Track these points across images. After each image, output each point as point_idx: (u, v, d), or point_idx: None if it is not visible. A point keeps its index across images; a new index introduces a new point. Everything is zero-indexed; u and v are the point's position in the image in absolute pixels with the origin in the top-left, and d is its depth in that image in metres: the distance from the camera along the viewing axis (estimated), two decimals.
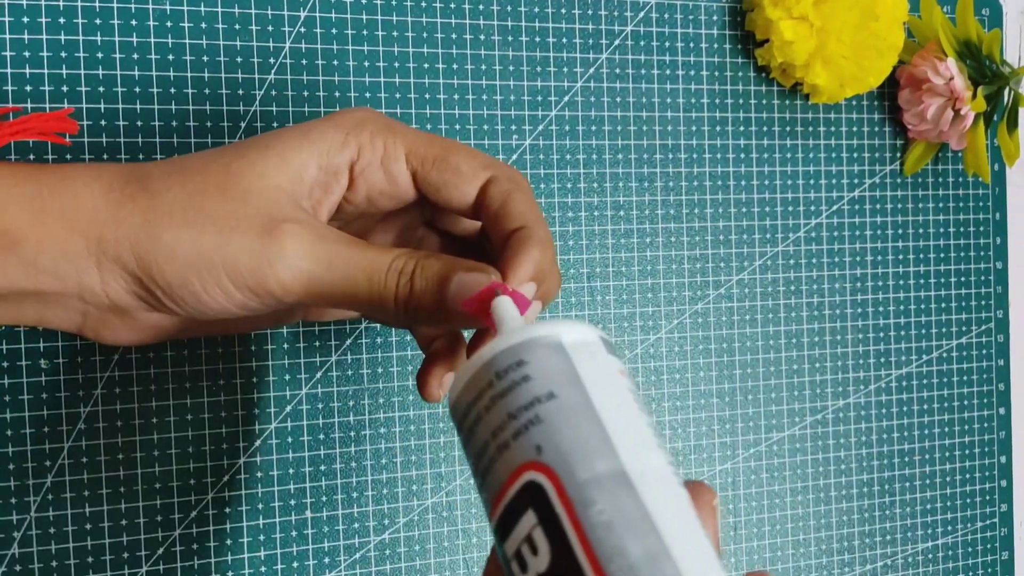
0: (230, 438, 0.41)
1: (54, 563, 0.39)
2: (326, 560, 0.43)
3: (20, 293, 0.29)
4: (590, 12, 0.46)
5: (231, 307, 0.29)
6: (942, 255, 0.53)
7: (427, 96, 0.43)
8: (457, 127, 0.44)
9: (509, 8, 0.44)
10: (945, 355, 0.53)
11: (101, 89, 0.39)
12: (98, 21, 0.39)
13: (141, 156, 0.39)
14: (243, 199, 0.28)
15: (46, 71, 0.38)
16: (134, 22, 0.39)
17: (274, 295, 0.28)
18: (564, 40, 0.45)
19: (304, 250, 0.28)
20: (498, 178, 0.31)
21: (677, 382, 0.48)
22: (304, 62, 0.42)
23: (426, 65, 0.43)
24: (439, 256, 0.29)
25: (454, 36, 0.44)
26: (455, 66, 0.44)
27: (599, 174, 0.46)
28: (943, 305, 0.53)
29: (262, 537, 0.42)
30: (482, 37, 0.44)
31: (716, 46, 0.48)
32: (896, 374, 0.52)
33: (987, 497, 0.54)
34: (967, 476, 0.54)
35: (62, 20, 0.38)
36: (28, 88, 0.38)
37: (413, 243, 0.36)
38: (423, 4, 0.43)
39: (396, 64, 0.43)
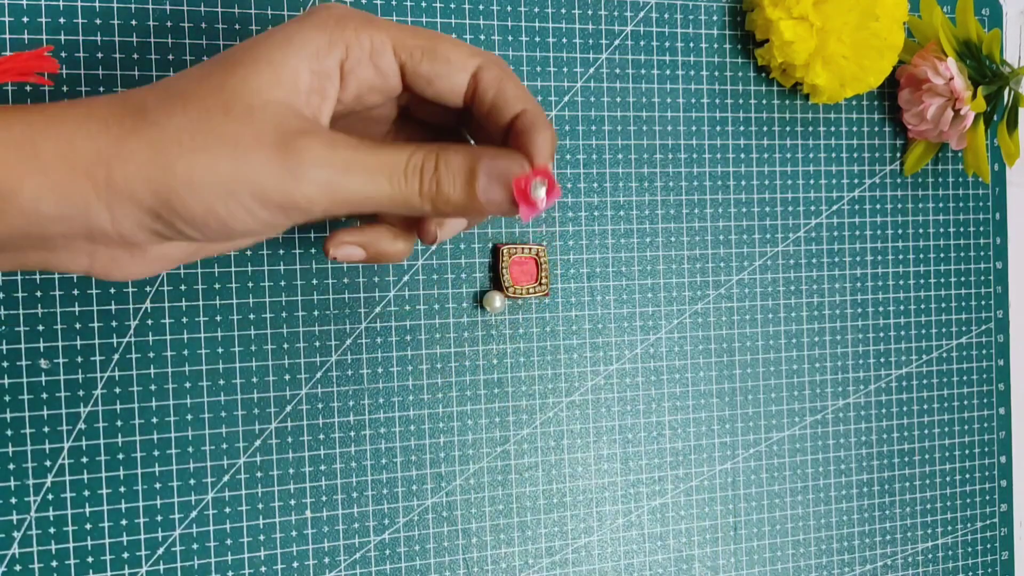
0: (230, 438, 0.41)
1: (54, 563, 0.39)
2: (326, 560, 0.43)
3: (23, 240, 0.28)
4: (590, 12, 0.46)
5: (257, 227, 0.29)
6: (942, 255, 0.53)
7: None
8: None
9: (509, 8, 0.44)
10: (945, 355, 0.53)
11: (101, 89, 0.39)
12: (98, 21, 0.39)
13: None
14: (248, 118, 0.27)
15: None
16: (134, 22, 0.39)
17: (300, 208, 0.28)
18: (564, 40, 0.45)
19: (323, 160, 0.27)
20: (488, 65, 0.31)
21: (677, 382, 0.48)
22: None
23: None
24: (456, 148, 0.29)
25: (454, 36, 0.44)
26: None
27: (599, 174, 0.46)
28: (943, 305, 0.53)
29: (262, 537, 0.42)
30: (482, 37, 0.44)
31: (716, 46, 0.48)
32: (896, 374, 0.52)
33: (987, 497, 0.54)
34: (967, 476, 0.54)
35: (62, 20, 0.38)
36: (28, 88, 0.38)
37: (402, 137, 0.35)
38: (423, 4, 0.43)
39: None
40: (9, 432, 0.38)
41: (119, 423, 0.40)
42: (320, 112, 0.30)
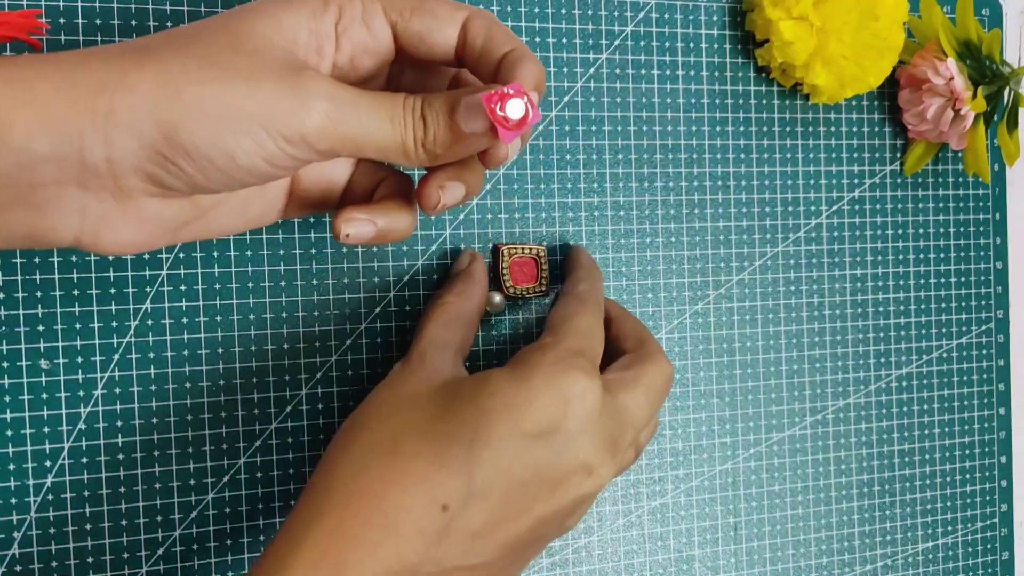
0: (230, 438, 0.41)
1: (54, 563, 0.39)
2: None
3: (11, 188, 0.27)
4: (590, 12, 0.46)
5: (262, 163, 0.28)
6: (942, 255, 0.53)
7: None
8: None
9: (509, 8, 0.44)
10: (945, 355, 0.53)
11: None
12: (98, 21, 0.39)
13: None
14: (256, 54, 0.28)
15: None
16: (134, 22, 0.39)
17: (308, 142, 0.28)
18: (564, 40, 0.45)
19: (329, 92, 0.28)
20: (475, 15, 0.33)
21: (677, 382, 0.48)
22: None
23: None
24: (440, 92, 0.31)
25: None
26: None
27: (599, 174, 0.46)
28: (943, 305, 0.53)
29: (262, 537, 0.42)
30: None
31: (716, 46, 0.48)
32: (896, 374, 0.52)
33: (987, 497, 0.54)
34: (967, 476, 0.54)
35: (62, 20, 0.38)
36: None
37: None
38: None
39: None
40: (9, 432, 0.38)
41: (119, 423, 0.40)
42: (319, 70, 0.31)
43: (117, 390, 0.39)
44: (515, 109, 0.30)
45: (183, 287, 0.40)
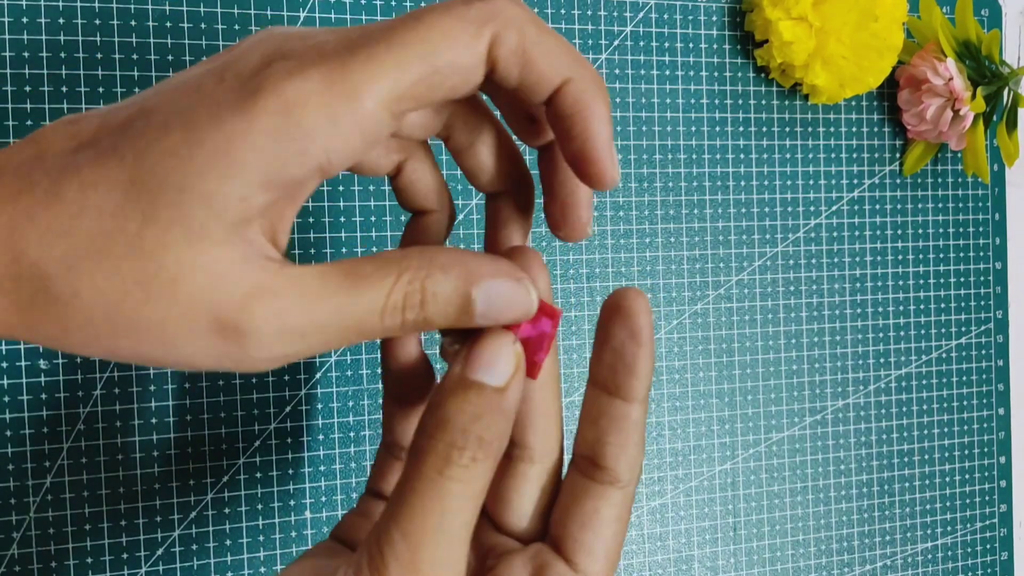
0: (230, 438, 0.41)
1: (54, 563, 0.39)
2: None
3: None
4: (590, 12, 0.46)
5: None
6: (942, 255, 0.53)
7: None
8: None
9: None
10: (945, 355, 0.53)
11: (100, 90, 0.39)
12: (98, 21, 0.39)
13: None
14: (172, 295, 0.21)
15: (46, 71, 0.38)
16: (134, 22, 0.39)
17: (242, 372, 0.24)
18: None
19: (274, 335, 0.22)
20: (504, 25, 0.24)
21: (677, 382, 0.48)
22: None
23: None
24: (446, 263, 0.23)
25: None
26: None
27: None
28: (943, 305, 0.53)
29: (262, 537, 0.42)
30: None
31: (716, 46, 0.48)
32: (895, 374, 0.52)
33: (986, 498, 0.54)
34: (966, 476, 0.54)
35: (62, 20, 0.38)
36: (28, 88, 0.38)
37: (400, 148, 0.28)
38: (423, 5, 0.43)
39: None
40: (9, 432, 0.38)
41: (119, 423, 0.40)
42: (279, 224, 0.23)
43: (117, 390, 0.39)
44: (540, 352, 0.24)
45: None
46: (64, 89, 0.38)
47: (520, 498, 0.27)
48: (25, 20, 0.38)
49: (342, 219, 0.43)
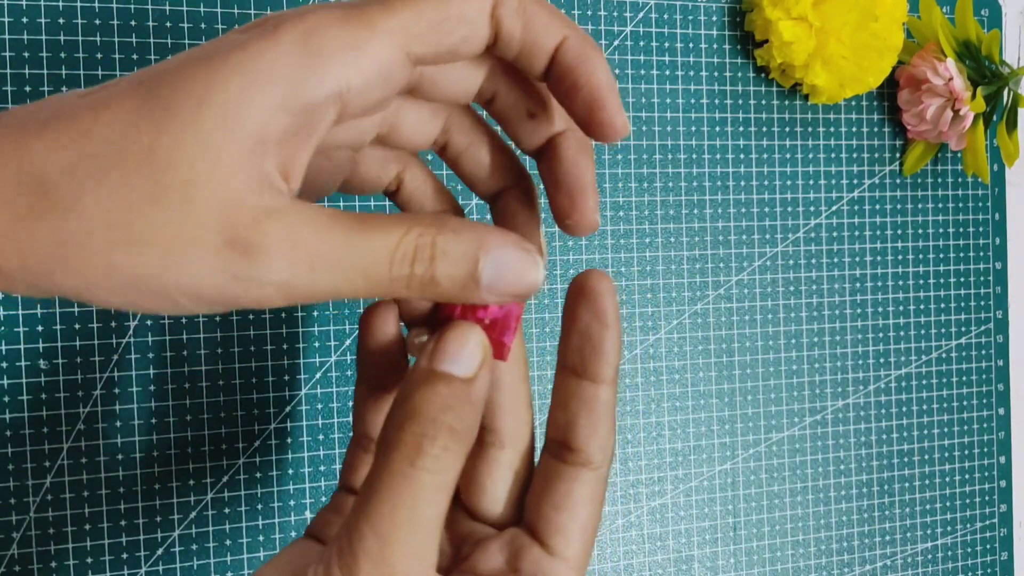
0: (230, 438, 0.41)
1: (54, 563, 0.39)
2: None
3: None
4: (590, 12, 0.46)
5: (184, 314, 0.25)
6: (942, 255, 0.53)
7: None
8: None
9: None
10: (944, 355, 0.53)
11: None
12: (98, 21, 0.39)
13: None
14: (183, 207, 0.21)
15: (46, 71, 0.38)
16: (134, 22, 0.39)
17: (243, 306, 0.23)
18: None
19: (282, 259, 0.21)
20: None
21: (677, 382, 0.48)
22: None
23: None
24: (457, 227, 0.22)
25: None
26: None
27: (599, 174, 0.46)
28: (943, 305, 0.53)
29: (262, 537, 0.42)
30: None
31: (716, 46, 0.48)
32: (895, 374, 0.52)
33: (986, 498, 0.54)
34: (966, 477, 0.54)
35: (62, 20, 0.38)
36: (27, 89, 0.38)
37: (402, 135, 0.28)
38: None
39: None
40: (9, 432, 0.38)
41: (119, 423, 0.40)
42: (293, 160, 0.23)
43: (117, 390, 0.39)
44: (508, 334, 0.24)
45: None
46: (64, 89, 0.38)
47: (493, 484, 0.27)
48: (25, 20, 0.38)
49: None
